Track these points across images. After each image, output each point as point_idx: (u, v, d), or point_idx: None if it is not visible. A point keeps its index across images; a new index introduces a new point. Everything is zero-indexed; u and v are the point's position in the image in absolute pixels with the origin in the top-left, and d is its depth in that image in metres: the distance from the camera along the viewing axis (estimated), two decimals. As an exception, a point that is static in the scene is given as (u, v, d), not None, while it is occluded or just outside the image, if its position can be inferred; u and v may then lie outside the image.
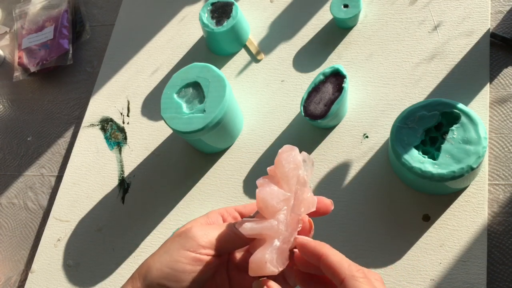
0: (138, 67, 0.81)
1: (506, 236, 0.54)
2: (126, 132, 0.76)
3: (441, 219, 0.56)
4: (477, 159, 0.53)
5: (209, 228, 0.37)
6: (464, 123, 0.55)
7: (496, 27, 0.65)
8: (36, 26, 0.89)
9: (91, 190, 0.73)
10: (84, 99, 0.82)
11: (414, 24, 0.69)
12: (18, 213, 0.76)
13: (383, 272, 0.56)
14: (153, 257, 0.36)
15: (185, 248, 0.35)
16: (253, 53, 0.75)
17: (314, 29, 0.74)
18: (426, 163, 0.54)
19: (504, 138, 0.59)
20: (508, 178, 0.57)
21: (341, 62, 0.70)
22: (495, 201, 0.56)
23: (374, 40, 0.70)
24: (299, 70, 0.71)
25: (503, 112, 0.61)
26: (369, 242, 0.57)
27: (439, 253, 0.55)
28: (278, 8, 0.77)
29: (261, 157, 0.67)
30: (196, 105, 0.63)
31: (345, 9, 0.69)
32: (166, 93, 0.65)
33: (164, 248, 0.36)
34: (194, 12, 0.82)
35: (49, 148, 0.80)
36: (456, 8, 0.67)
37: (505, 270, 0.53)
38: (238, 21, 0.72)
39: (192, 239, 0.36)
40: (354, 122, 0.65)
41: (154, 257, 0.36)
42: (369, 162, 0.62)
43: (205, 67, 0.65)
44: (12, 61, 0.91)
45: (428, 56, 0.66)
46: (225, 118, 0.63)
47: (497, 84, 0.62)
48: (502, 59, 0.63)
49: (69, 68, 0.86)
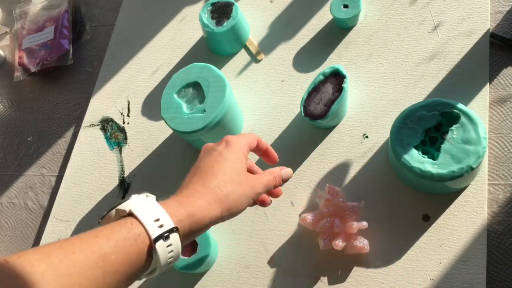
0: (138, 67, 0.81)
1: (506, 236, 0.55)
2: (126, 132, 0.76)
3: (441, 219, 0.57)
4: (476, 159, 0.53)
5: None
6: (464, 123, 0.55)
7: (496, 27, 0.65)
8: (36, 26, 0.89)
9: (91, 190, 0.73)
10: (85, 99, 0.82)
11: (414, 24, 0.69)
12: (18, 213, 0.76)
13: (383, 272, 0.56)
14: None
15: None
16: (253, 53, 0.75)
17: (314, 29, 0.74)
18: (426, 163, 0.54)
19: (504, 138, 0.59)
20: (507, 178, 0.57)
21: (341, 62, 0.70)
22: (494, 201, 0.56)
23: (374, 40, 0.70)
24: (299, 70, 0.71)
25: (503, 112, 0.61)
26: (369, 242, 0.57)
27: (439, 253, 0.55)
28: (278, 8, 0.77)
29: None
30: (196, 105, 0.63)
31: (345, 9, 0.69)
32: (166, 93, 0.65)
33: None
34: (194, 12, 0.82)
35: (49, 148, 0.80)
36: (456, 8, 0.68)
37: (505, 270, 0.53)
38: (238, 21, 0.72)
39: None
40: (354, 122, 0.65)
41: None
42: (368, 162, 0.62)
43: (205, 67, 0.65)
44: (13, 61, 0.91)
45: (428, 56, 0.66)
46: (225, 118, 0.63)
47: (497, 84, 0.62)
48: (502, 59, 0.63)
49: (69, 68, 0.86)
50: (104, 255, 0.34)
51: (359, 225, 0.56)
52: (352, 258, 0.57)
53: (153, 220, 0.37)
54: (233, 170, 0.43)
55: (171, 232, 0.37)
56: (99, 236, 0.35)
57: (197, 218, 0.40)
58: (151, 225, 0.36)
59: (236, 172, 0.43)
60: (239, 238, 0.63)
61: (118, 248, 0.35)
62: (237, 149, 0.45)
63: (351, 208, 0.57)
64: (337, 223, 0.56)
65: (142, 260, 0.36)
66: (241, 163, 0.44)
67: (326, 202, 0.58)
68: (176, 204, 0.39)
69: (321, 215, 0.58)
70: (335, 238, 0.56)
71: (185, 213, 0.39)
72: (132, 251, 0.35)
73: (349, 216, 0.57)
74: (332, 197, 0.59)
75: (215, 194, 0.41)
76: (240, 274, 0.61)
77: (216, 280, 0.61)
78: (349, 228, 0.56)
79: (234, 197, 0.42)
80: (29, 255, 0.33)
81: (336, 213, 0.58)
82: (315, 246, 0.59)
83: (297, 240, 0.61)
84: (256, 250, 0.62)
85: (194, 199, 0.40)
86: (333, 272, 0.58)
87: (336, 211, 0.58)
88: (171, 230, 0.37)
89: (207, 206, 0.40)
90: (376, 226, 0.58)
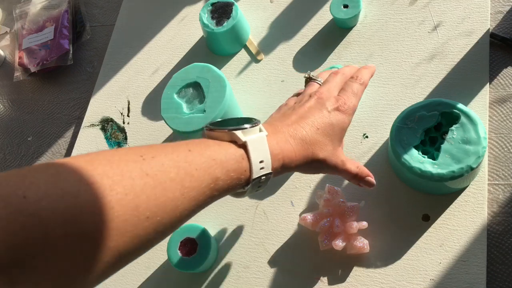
0: (138, 67, 0.81)
1: (506, 236, 0.55)
2: (127, 132, 0.76)
3: (440, 219, 0.57)
4: (476, 159, 0.53)
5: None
6: (464, 123, 0.55)
7: (496, 27, 0.65)
8: (36, 26, 0.89)
9: (91, 190, 0.73)
10: (85, 99, 0.82)
11: (414, 24, 0.69)
12: (18, 213, 0.76)
13: (383, 272, 0.56)
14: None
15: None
16: (253, 53, 0.75)
17: (314, 29, 0.74)
18: (426, 163, 0.54)
19: (504, 138, 0.59)
20: (507, 178, 0.57)
21: (341, 62, 0.70)
22: (494, 201, 0.56)
23: (374, 40, 0.70)
24: (299, 70, 0.71)
25: (503, 112, 0.61)
26: (369, 242, 0.57)
27: (439, 253, 0.55)
28: (278, 8, 0.77)
29: (261, 157, 0.67)
30: (196, 105, 0.63)
31: (345, 9, 0.69)
32: (166, 93, 0.65)
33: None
34: (194, 13, 0.82)
35: (49, 148, 0.80)
36: (456, 8, 0.68)
37: (505, 269, 0.53)
38: (238, 21, 0.72)
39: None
40: (354, 122, 0.65)
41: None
42: (368, 162, 0.62)
43: (205, 67, 0.65)
44: (13, 61, 0.91)
45: (428, 56, 0.66)
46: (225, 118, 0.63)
47: (497, 84, 0.62)
48: (502, 59, 0.63)
49: (69, 68, 0.86)
50: (217, 179, 0.37)
51: (359, 225, 0.56)
52: (352, 258, 0.57)
53: (258, 161, 0.40)
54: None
55: (267, 175, 0.41)
56: (214, 163, 0.37)
57: (287, 168, 0.43)
58: (256, 166, 0.40)
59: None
60: (239, 238, 0.63)
61: (228, 178, 0.38)
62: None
63: (351, 208, 0.58)
64: (337, 223, 0.57)
65: (235, 189, 0.40)
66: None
67: (326, 202, 0.58)
68: (278, 148, 0.42)
69: (321, 215, 0.58)
70: (335, 238, 0.56)
71: (280, 163, 0.42)
72: (232, 184, 0.39)
73: (349, 216, 0.57)
74: (332, 197, 0.59)
75: (314, 155, 0.45)
76: (240, 274, 0.61)
77: (216, 280, 0.61)
78: (349, 228, 0.56)
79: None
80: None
81: (336, 213, 0.58)
82: (315, 246, 0.59)
83: (297, 240, 0.61)
84: (256, 250, 0.62)
85: (292, 153, 0.43)
86: (333, 272, 0.58)
87: (336, 211, 0.58)
88: (267, 174, 0.41)
89: (299, 159, 0.43)
90: (376, 226, 0.58)
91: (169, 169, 0.34)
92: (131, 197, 0.31)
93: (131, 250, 0.32)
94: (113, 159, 0.33)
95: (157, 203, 0.33)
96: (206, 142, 0.40)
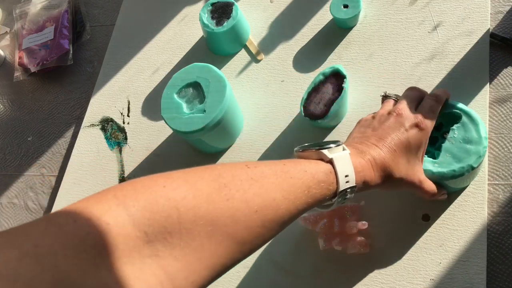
0: (138, 67, 0.81)
1: (506, 236, 0.55)
2: (127, 132, 0.76)
3: (440, 219, 0.57)
4: (477, 158, 0.53)
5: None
6: (465, 123, 0.55)
7: (496, 27, 0.65)
8: (36, 26, 0.89)
9: (91, 190, 0.73)
10: (85, 99, 0.82)
11: (414, 24, 0.69)
12: (18, 213, 0.76)
13: (383, 272, 0.56)
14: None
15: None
16: (253, 53, 0.75)
17: (314, 29, 0.74)
18: (426, 162, 0.54)
19: (504, 138, 0.59)
20: (507, 178, 0.57)
21: (341, 62, 0.70)
22: (494, 201, 0.56)
23: (374, 40, 0.70)
24: (299, 70, 0.71)
25: (503, 112, 0.61)
26: (369, 242, 0.57)
27: (439, 253, 0.55)
28: (278, 8, 0.77)
29: (261, 157, 0.67)
30: (196, 105, 0.63)
31: (345, 9, 0.69)
32: (166, 93, 0.65)
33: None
34: (194, 12, 0.82)
35: (49, 148, 0.80)
36: (456, 8, 0.68)
37: (505, 269, 0.53)
38: (238, 21, 0.72)
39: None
40: (354, 122, 0.65)
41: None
42: (369, 162, 0.62)
43: (205, 67, 0.65)
44: (13, 61, 0.91)
45: (428, 56, 0.66)
46: (225, 118, 0.63)
47: (497, 84, 0.62)
48: (502, 59, 0.63)
49: (69, 68, 0.86)
50: (309, 187, 0.42)
51: (359, 225, 0.56)
52: (352, 258, 0.57)
53: (344, 175, 0.44)
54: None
55: (352, 188, 0.45)
56: (306, 174, 0.42)
57: (367, 185, 0.47)
58: (342, 179, 0.44)
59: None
60: (239, 238, 0.63)
61: (318, 187, 0.42)
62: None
63: (351, 208, 0.58)
64: (337, 223, 0.57)
65: (325, 199, 0.44)
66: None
67: None
68: (359, 166, 0.46)
69: (321, 215, 0.58)
70: (335, 238, 0.56)
71: (362, 179, 0.46)
72: (323, 193, 0.43)
73: (349, 216, 0.57)
74: None
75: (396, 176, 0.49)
76: (240, 274, 0.61)
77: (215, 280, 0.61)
78: (349, 228, 0.56)
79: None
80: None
81: (336, 213, 0.58)
82: (315, 246, 0.59)
83: (297, 240, 0.61)
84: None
85: (371, 173, 0.47)
86: (333, 272, 0.58)
87: (336, 211, 0.58)
88: (352, 187, 0.45)
89: (377, 180, 0.47)
90: (376, 226, 0.58)
91: (269, 175, 0.41)
92: (241, 193, 0.38)
93: (246, 239, 0.38)
94: (225, 167, 0.41)
95: (262, 200, 0.39)
96: (298, 159, 0.45)
